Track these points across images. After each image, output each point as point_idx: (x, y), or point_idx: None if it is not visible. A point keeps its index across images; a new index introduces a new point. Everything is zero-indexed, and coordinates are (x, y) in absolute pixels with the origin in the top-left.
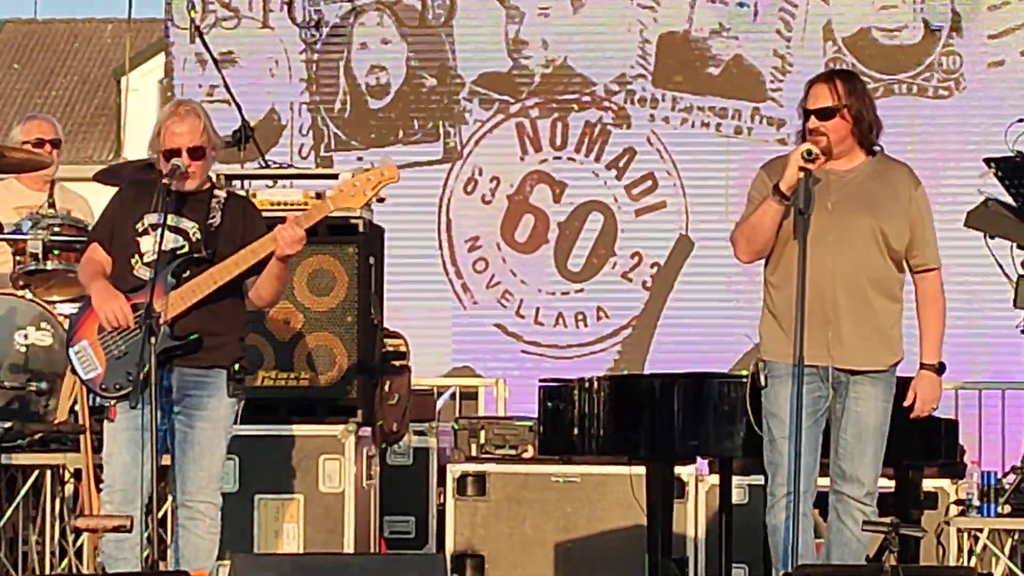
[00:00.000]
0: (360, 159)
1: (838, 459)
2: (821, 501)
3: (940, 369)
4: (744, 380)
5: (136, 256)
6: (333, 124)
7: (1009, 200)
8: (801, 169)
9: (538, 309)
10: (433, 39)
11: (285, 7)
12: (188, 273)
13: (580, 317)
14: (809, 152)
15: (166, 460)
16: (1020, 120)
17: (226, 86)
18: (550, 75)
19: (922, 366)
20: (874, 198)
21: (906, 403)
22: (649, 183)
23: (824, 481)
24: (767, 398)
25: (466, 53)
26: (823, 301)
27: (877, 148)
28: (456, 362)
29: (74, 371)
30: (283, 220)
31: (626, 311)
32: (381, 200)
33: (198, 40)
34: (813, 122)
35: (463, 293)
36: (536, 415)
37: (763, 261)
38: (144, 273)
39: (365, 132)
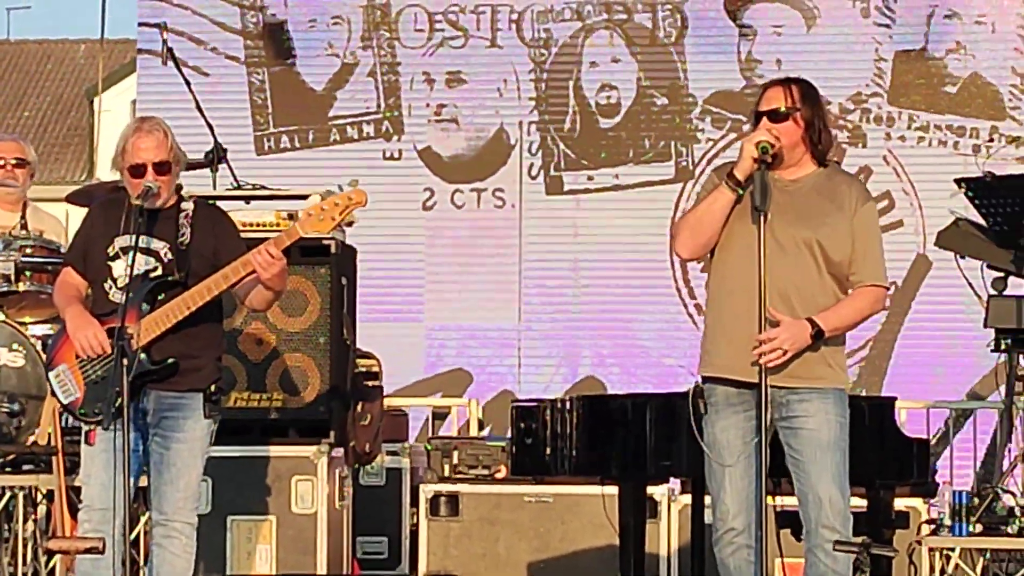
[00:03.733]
0: (591, 179)
1: (798, 484)
2: (793, 520)
3: (817, 334)
4: None
5: (109, 280)
6: (563, 143)
7: (980, 220)
8: (756, 161)
9: None
10: (664, 57)
11: (514, 26)
12: (163, 296)
13: None
14: (763, 147)
15: (143, 481)
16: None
17: (197, 106)
18: None
19: (808, 318)
20: (816, 211)
21: (761, 335)
22: (886, 202)
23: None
24: (706, 426)
25: (697, 71)
26: (754, 313)
27: (829, 161)
28: (689, 384)
29: (54, 394)
30: (255, 242)
31: (864, 331)
32: (350, 224)
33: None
34: (765, 124)
35: (696, 313)
36: (509, 435)
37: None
38: (119, 298)
39: (595, 151)
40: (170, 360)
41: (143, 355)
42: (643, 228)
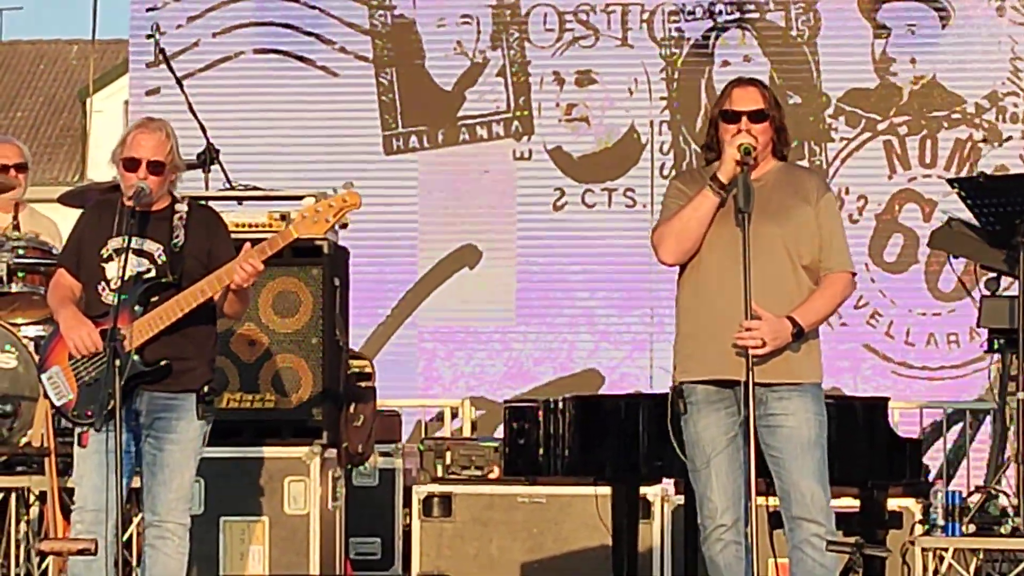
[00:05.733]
0: None
1: (779, 482)
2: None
3: (797, 332)
4: None
5: (103, 282)
6: (695, 143)
7: (973, 220)
8: (738, 163)
9: (908, 329)
10: (797, 56)
11: (644, 25)
12: (156, 298)
13: (952, 338)
14: (746, 148)
15: (136, 483)
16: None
17: (190, 107)
18: (918, 92)
19: (787, 316)
20: (782, 206)
21: (746, 322)
22: None
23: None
24: (686, 425)
25: (831, 70)
26: (733, 311)
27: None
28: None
29: (46, 396)
30: (249, 242)
31: None
32: (344, 226)
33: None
34: (746, 124)
35: None
36: (503, 436)
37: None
38: (112, 299)
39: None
40: (163, 362)
41: (136, 357)
42: None
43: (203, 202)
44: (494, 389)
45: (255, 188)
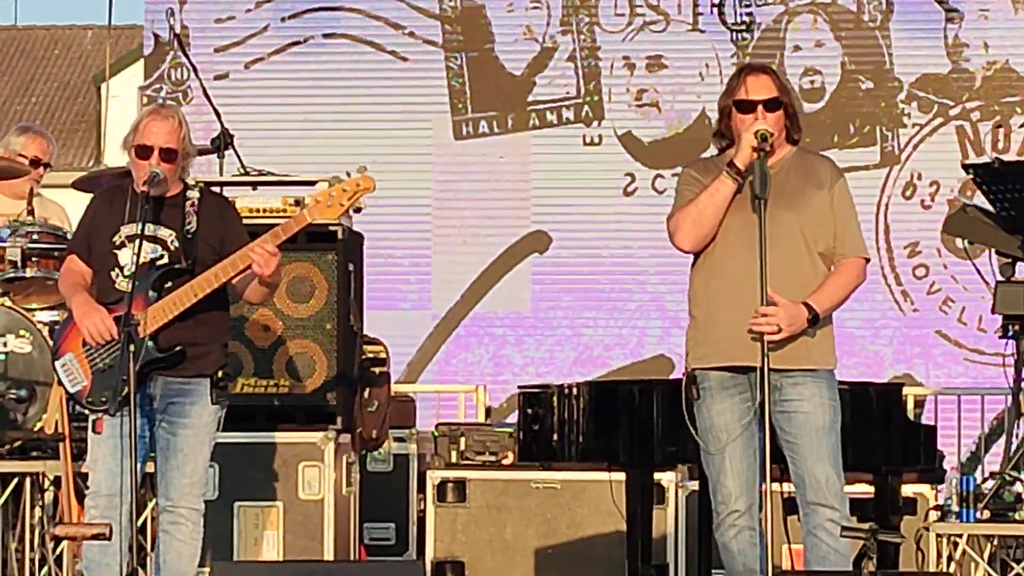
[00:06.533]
0: None
1: (794, 467)
2: (795, 506)
3: (813, 318)
4: None
5: (116, 269)
6: None
7: (988, 206)
8: (755, 150)
9: (981, 316)
10: (869, 41)
11: (715, 9)
12: (170, 284)
13: None
14: (763, 135)
15: (150, 467)
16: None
17: (204, 92)
18: (991, 77)
19: (803, 302)
20: (797, 192)
21: (762, 308)
22: None
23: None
24: (699, 411)
25: (903, 55)
26: (750, 297)
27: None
28: (893, 371)
29: (60, 383)
30: (263, 227)
31: None
32: (358, 210)
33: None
34: (761, 112)
35: (902, 300)
36: (517, 421)
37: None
38: (125, 286)
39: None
40: (177, 348)
41: (150, 343)
42: None
43: (215, 189)
44: (564, 376)
45: (269, 173)
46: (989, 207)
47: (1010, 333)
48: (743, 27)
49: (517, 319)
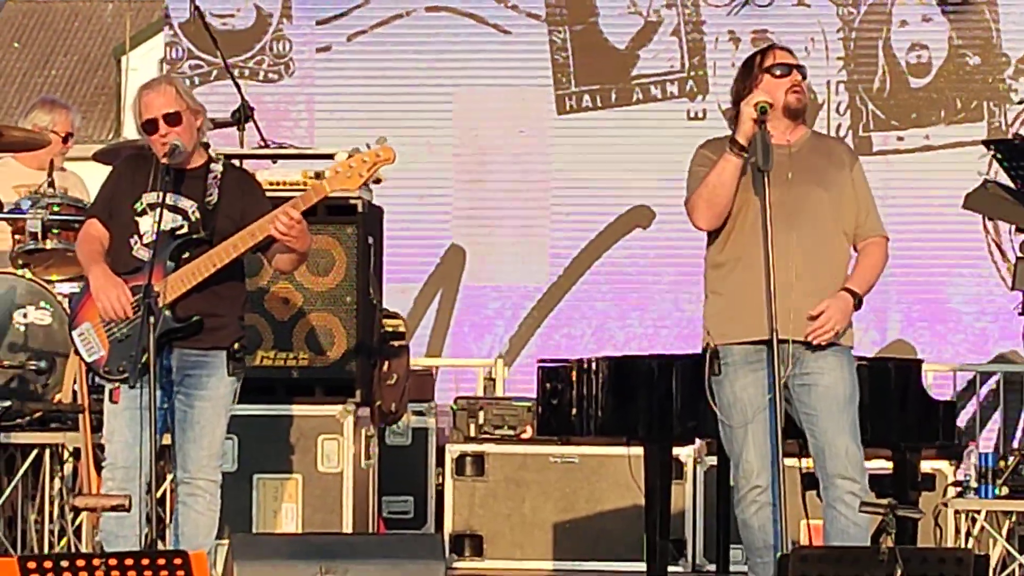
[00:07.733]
0: (901, 139)
1: (814, 440)
2: (813, 481)
3: (858, 303)
4: None
5: (135, 236)
6: (872, 103)
7: (1008, 182)
8: (755, 122)
9: None
10: (977, 16)
11: None
12: (188, 254)
13: None
14: (762, 107)
15: (167, 439)
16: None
17: (226, 66)
18: None
19: (845, 288)
20: (821, 170)
21: (813, 312)
22: None
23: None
24: (721, 386)
25: (1011, 30)
26: (780, 272)
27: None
28: (999, 348)
29: (77, 353)
30: (282, 200)
31: None
32: (378, 181)
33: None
34: (795, 77)
35: (1009, 276)
36: (536, 396)
37: (705, 243)
38: (143, 254)
39: (905, 112)
40: (195, 318)
41: (168, 313)
42: (955, 189)
43: (235, 162)
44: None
45: (290, 146)
46: (1010, 183)
47: None
48: (850, 1)
49: (620, 294)
